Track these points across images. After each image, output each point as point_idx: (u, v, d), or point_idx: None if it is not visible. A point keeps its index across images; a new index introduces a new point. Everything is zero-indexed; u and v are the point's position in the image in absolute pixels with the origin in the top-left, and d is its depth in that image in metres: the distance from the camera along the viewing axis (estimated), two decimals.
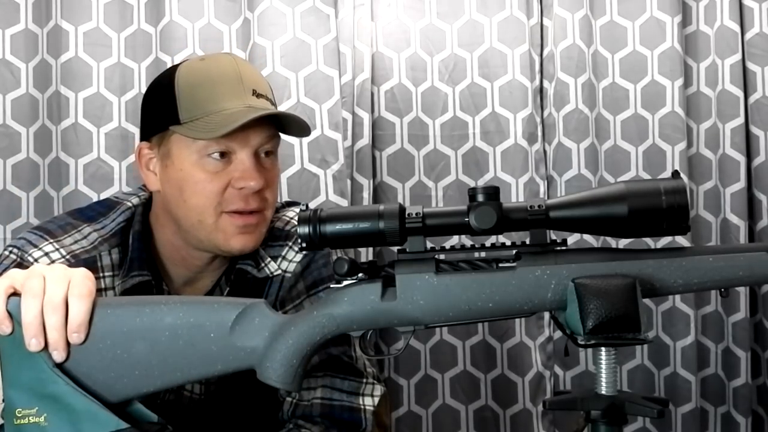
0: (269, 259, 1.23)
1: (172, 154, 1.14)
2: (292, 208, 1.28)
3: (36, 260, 1.11)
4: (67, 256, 1.13)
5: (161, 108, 1.14)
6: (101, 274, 1.15)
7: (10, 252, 1.13)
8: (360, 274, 0.93)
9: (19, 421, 0.91)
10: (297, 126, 1.17)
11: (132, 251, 1.17)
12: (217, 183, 1.11)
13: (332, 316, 0.93)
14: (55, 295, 0.91)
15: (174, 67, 1.18)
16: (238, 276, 1.21)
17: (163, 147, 1.15)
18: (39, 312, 0.90)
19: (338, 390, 1.17)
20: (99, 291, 1.12)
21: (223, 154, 1.11)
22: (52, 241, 1.14)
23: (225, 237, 1.13)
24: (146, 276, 1.16)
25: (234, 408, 1.25)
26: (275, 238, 1.24)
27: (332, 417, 1.16)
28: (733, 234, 1.84)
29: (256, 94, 1.13)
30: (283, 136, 1.18)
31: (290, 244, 1.23)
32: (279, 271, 1.23)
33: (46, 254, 1.12)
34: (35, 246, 1.13)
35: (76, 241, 1.16)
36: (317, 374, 1.17)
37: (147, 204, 1.22)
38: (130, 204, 1.22)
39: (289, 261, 1.24)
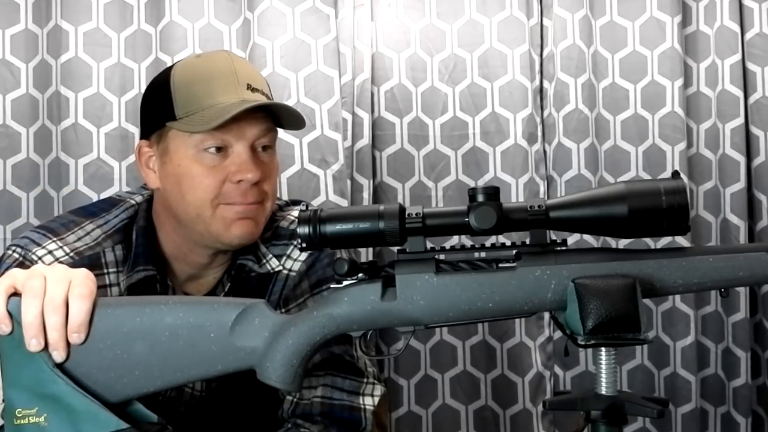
0: (271, 256, 1.23)
1: (170, 150, 1.14)
2: (297, 207, 1.28)
3: (40, 258, 1.11)
4: (71, 254, 1.14)
5: (158, 106, 1.15)
6: (105, 271, 1.15)
7: (13, 251, 1.13)
8: (360, 274, 0.93)
9: (19, 421, 0.91)
10: (292, 118, 1.17)
11: (136, 246, 1.17)
12: (214, 177, 1.12)
13: (332, 317, 0.93)
14: (56, 295, 0.91)
15: (170, 67, 1.19)
16: (238, 271, 1.21)
17: (162, 144, 1.16)
18: (39, 312, 0.90)
19: (339, 389, 1.17)
20: (103, 287, 1.13)
21: (219, 148, 1.12)
22: (55, 239, 1.14)
23: (225, 225, 1.13)
24: (151, 271, 1.16)
25: (234, 405, 1.25)
26: (279, 236, 1.24)
27: (332, 416, 1.16)
28: (733, 234, 1.84)
29: (251, 89, 1.14)
30: (283, 135, 1.19)
31: (295, 242, 1.24)
32: (281, 268, 1.23)
33: (50, 252, 1.12)
34: (38, 245, 1.13)
35: (79, 238, 1.16)
36: (318, 373, 1.17)
37: (150, 202, 1.22)
38: (133, 202, 1.22)
39: (294, 260, 1.24)
